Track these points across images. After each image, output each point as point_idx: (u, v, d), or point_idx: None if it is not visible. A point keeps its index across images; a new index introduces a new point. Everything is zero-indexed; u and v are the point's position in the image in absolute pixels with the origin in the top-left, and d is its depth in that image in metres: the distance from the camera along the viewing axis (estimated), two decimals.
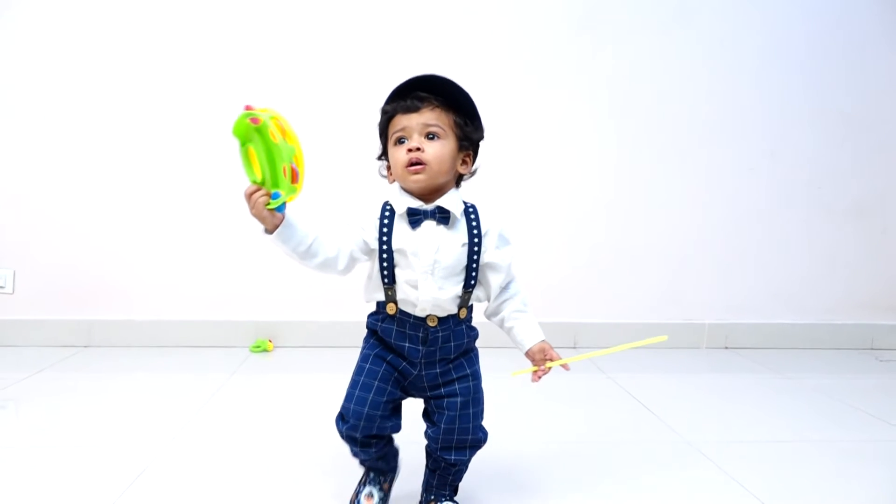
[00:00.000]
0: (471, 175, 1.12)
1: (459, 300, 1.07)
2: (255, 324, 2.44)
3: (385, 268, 1.05)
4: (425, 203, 1.04)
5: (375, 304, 1.11)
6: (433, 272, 1.03)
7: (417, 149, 1.01)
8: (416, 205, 1.04)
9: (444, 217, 1.04)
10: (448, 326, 1.07)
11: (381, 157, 1.13)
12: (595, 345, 2.44)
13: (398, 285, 1.05)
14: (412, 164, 1.01)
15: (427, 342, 1.06)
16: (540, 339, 1.10)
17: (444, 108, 1.04)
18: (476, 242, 1.05)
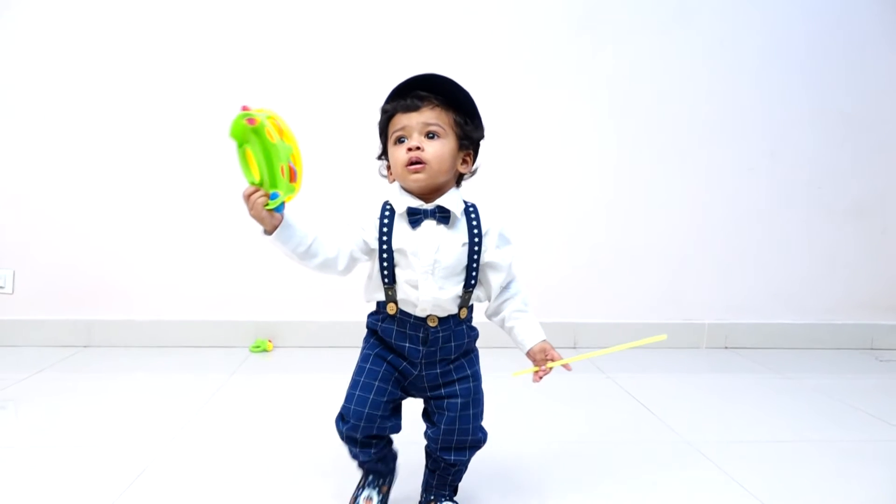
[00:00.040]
0: (471, 174, 1.12)
1: (460, 300, 1.06)
2: (255, 324, 2.44)
3: (385, 268, 1.04)
4: (425, 202, 1.04)
5: (375, 304, 1.11)
6: (433, 272, 1.02)
7: (417, 148, 1.01)
8: (416, 204, 1.04)
9: (444, 216, 1.03)
10: (448, 326, 1.06)
11: (380, 157, 1.12)
12: (595, 345, 2.44)
13: (398, 285, 1.05)
14: (412, 164, 1.01)
15: (427, 342, 1.06)
16: (541, 338, 1.09)
17: (444, 108, 1.04)
18: (476, 242, 1.05)
